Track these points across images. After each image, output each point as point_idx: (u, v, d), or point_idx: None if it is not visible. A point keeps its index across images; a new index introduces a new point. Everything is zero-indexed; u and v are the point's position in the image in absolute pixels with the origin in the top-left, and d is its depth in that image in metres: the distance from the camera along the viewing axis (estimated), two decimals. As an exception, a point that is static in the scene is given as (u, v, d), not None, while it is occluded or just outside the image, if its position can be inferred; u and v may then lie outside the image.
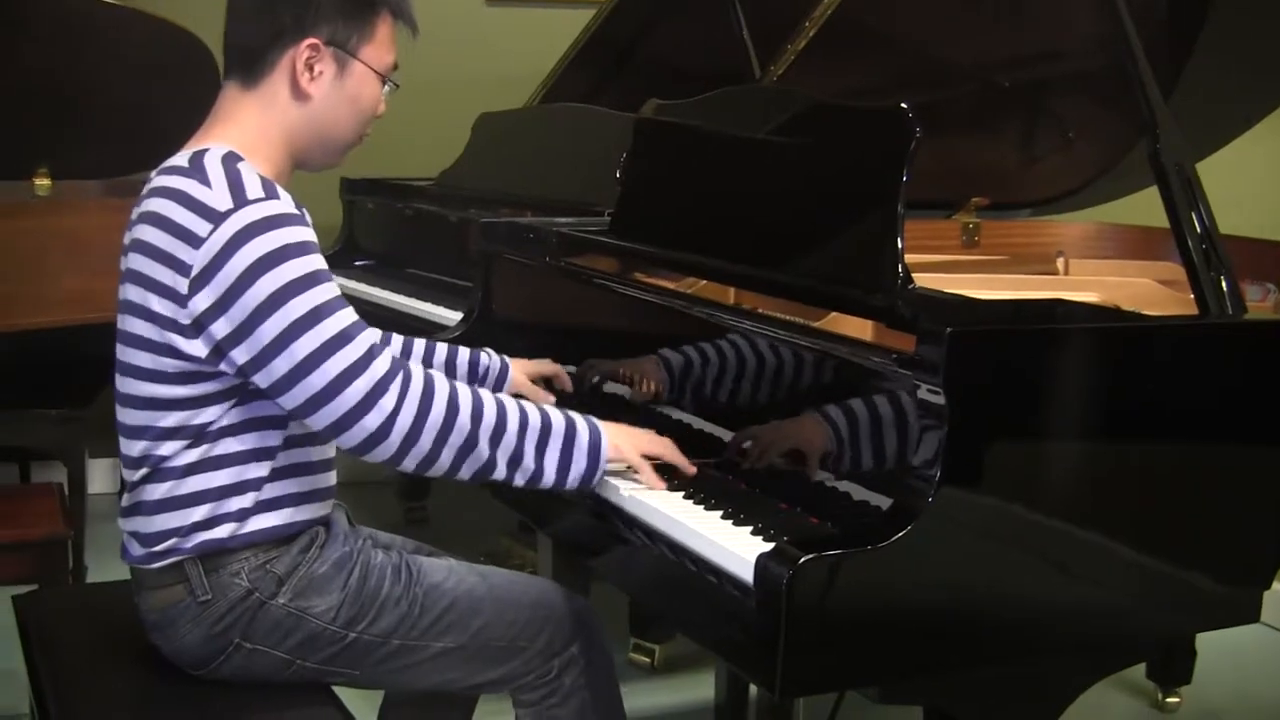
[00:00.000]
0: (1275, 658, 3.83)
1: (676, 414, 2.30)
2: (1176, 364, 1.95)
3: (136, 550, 2.04)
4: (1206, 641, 2.91)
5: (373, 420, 1.89)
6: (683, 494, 2.03)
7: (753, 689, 2.91)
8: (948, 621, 1.80)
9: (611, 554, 2.13)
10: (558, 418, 2.04)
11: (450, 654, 2.09)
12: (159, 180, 1.98)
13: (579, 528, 2.21)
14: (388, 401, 1.89)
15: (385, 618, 2.05)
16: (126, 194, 4.04)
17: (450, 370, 2.43)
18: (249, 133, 2.01)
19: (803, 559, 1.66)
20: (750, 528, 1.89)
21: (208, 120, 2.05)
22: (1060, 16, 2.81)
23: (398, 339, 2.41)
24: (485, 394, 1.99)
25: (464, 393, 1.96)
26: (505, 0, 5.06)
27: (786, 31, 3.18)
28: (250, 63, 2.02)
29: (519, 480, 2.01)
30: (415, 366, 1.95)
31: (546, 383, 2.51)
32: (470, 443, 1.95)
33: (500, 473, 1.99)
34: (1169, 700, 3.42)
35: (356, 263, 4.35)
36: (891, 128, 2.05)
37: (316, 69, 2.01)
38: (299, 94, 2.02)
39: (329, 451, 2.09)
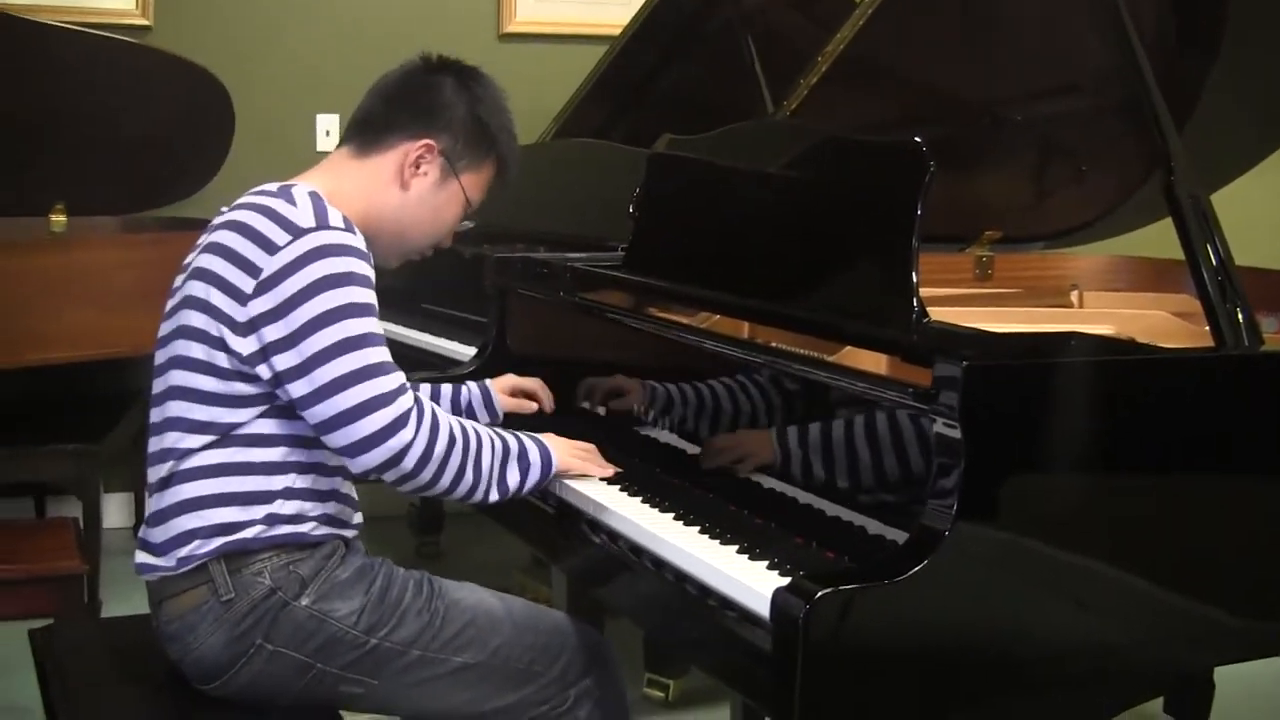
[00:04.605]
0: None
1: (693, 449, 2.30)
2: (1192, 396, 1.95)
3: (157, 560, 2.07)
4: (1225, 675, 2.89)
5: (391, 447, 1.99)
6: (699, 529, 2.03)
7: (768, 724, 2.90)
8: (965, 655, 1.79)
9: (626, 587, 2.13)
10: (512, 440, 2.17)
11: (468, 670, 2.11)
12: (245, 199, 2.10)
13: (593, 561, 2.21)
14: (406, 433, 2.00)
15: (406, 626, 2.08)
16: (141, 230, 4.11)
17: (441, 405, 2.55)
18: (342, 190, 2.14)
19: (820, 593, 1.65)
20: (766, 562, 1.89)
21: (311, 170, 2.20)
22: (1073, 49, 2.81)
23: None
24: (469, 426, 2.11)
25: (457, 427, 2.08)
26: (518, 36, 5.08)
27: (800, 66, 3.19)
28: (370, 136, 2.20)
29: (493, 496, 2.13)
30: (427, 403, 2.05)
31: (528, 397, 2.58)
32: (460, 470, 2.07)
33: (479, 492, 2.11)
34: (1187, 735, 3.40)
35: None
36: (906, 161, 2.05)
37: (423, 168, 2.20)
38: (401, 182, 2.19)
39: (354, 489, 2.15)
